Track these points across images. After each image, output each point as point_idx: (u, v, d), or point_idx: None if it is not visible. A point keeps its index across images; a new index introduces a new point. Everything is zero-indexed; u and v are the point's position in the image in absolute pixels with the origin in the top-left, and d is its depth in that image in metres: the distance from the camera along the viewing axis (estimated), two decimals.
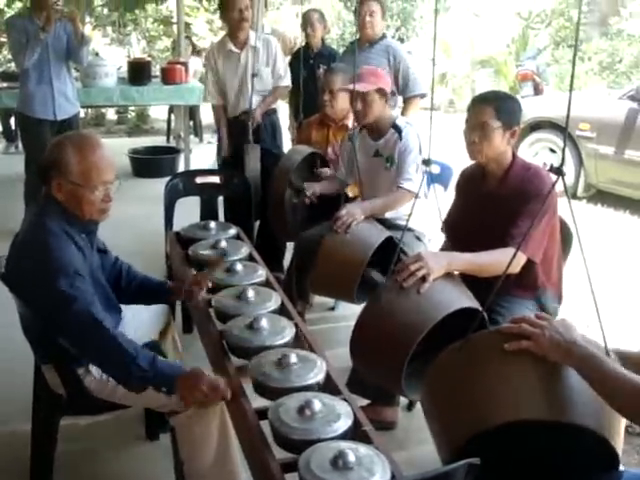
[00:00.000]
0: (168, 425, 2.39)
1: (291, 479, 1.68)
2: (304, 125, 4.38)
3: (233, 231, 3.26)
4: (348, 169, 3.63)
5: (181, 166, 7.09)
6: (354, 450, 1.65)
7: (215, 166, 5.26)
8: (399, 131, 3.41)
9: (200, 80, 7.61)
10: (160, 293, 2.60)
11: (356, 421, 1.84)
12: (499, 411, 1.65)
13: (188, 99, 6.78)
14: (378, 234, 3.01)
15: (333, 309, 4.10)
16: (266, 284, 2.71)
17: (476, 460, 1.43)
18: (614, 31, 13.00)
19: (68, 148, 2.16)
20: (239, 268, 2.72)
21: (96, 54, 8.54)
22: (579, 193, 6.79)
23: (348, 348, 2.37)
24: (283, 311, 2.50)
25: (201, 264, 2.87)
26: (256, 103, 4.45)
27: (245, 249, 3.00)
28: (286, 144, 5.02)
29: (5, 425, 2.86)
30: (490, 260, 2.40)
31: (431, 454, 1.97)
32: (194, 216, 3.76)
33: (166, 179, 3.99)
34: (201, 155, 7.68)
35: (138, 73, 6.65)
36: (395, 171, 3.40)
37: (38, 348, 2.31)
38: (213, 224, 3.28)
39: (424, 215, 3.29)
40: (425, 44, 13.70)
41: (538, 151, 6.98)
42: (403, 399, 2.98)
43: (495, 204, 2.60)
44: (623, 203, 6.47)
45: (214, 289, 2.59)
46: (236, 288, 2.55)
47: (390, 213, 3.43)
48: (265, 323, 2.27)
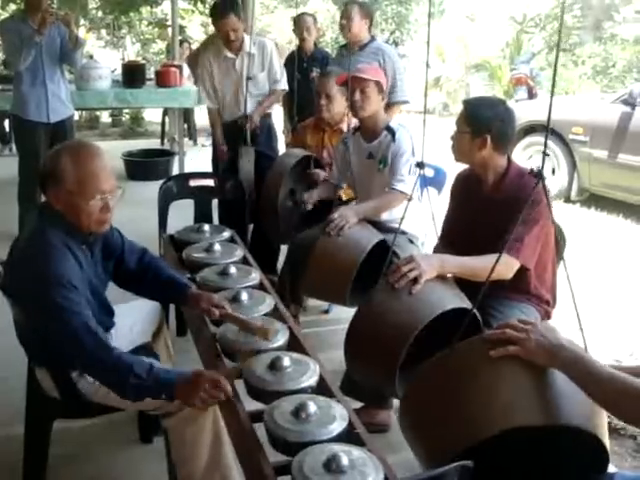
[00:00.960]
0: (161, 428, 2.39)
1: None
2: (299, 128, 4.39)
3: (227, 234, 3.26)
4: (342, 172, 3.64)
5: (175, 169, 7.09)
6: (347, 453, 1.65)
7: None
8: (392, 133, 3.41)
9: (195, 83, 7.61)
10: (179, 296, 2.51)
11: (350, 424, 1.85)
12: (491, 421, 1.65)
13: (182, 102, 6.77)
14: (371, 237, 3.02)
15: (327, 312, 4.10)
16: (260, 287, 2.71)
17: (469, 463, 1.44)
18: (608, 35, 13.07)
19: (65, 157, 2.13)
20: (233, 271, 2.72)
21: (90, 57, 8.53)
22: (573, 197, 6.83)
23: (342, 351, 2.38)
24: (277, 314, 2.50)
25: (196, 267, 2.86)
26: (253, 108, 4.47)
27: (239, 252, 3.00)
28: (280, 147, 5.03)
29: None
30: (482, 264, 2.41)
31: None
32: (188, 219, 3.76)
33: (160, 182, 3.99)
34: (195, 158, 7.67)
35: (132, 76, 6.63)
36: (388, 173, 3.40)
37: (32, 351, 2.31)
38: (207, 227, 3.27)
39: (417, 218, 3.30)
40: (420, 48, 13.76)
41: (532, 154, 7.00)
42: (397, 401, 2.98)
43: (490, 209, 2.61)
44: (616, 207, 6.50)
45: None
46: (229, 291, 2.55)
47: (384, 216, 3.43)
48: None
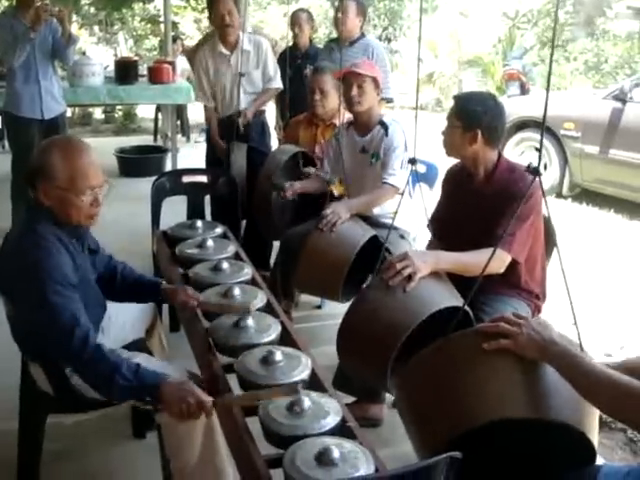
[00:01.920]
0: (155, 423, 2.40)
1: (277, 475, 1.70)
2: (292, 124, 4.40)
3: (220, 230, 3.27)
4: (334, 166, 3.65)
5: (168, 165, 7.09)
6: (338, 446, 1.66)
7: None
8: (385, 128, 3.43)
9: (188, 79, 7.61)
10: (153, 293, 2.58)
11: (342, 418, 1.86)
12: (482, 410, 1.67)
13: (175, 98, 6.76)
14: (363, 233, 3.04)
15: (319, 307, 4.12)
16: (252, 282, 2.73)
17: (457, 454, 1.46)
18: (600, 31, 13.10)
19: (54, 153, 2.14)
20: (225, 267, 2.73)
21: (83, 53, 8.51)
22: (564, 192, 6.86)
23: (335, 346, 2.40)
24: (269, 309, 2.51)
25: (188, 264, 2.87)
26: (247, 104, 4.48)
27: (231, 248, 3.01)
28: (273, 144, 5.04)
29: None
30: (475, 260, 2.42)
31: None
32: (181, 215, 3.77)
33: (153, 178, 4.00)
34: (188, 154, 7.67)
35: (125, 72, 6.63)
36: (380, 167, 3.42)
37: (25, 347, 2.32)
38: (200, 223, 3.28)
39: (409, 213, 3.31)
40: (412, 44, 13.77)
41: (524, 150, 7.03)
42: (389, 396, 3.00)
43: (480, 203, 2.63)
44: (608, 202, 6.54)
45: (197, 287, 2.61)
46: (222, 286, 2.56)
47: (375, 210, 3.46)
48: (251, 321, 2.28)
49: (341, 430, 1.82)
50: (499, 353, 1.71)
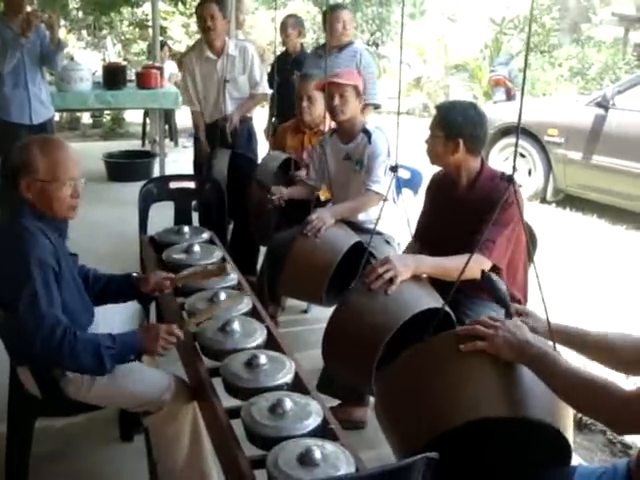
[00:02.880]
0: (142, 426, 2.43)
1: (260, 475, 1.74)
2: (279, 131, 4.44)
3: (206, 235, 3.30)
4: (319, 173, 3.70)
5: (156, 170, 7.08)
6: (320, 447, 1.71)
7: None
8: (369, 135, 3.48)
9: (175, 85, 7.62)
10: (127, 286, 2.61)
11: (324, 419, 1.91)
12: (459, 411, 1.70)
13: (163, 103, 6.78)
14: (347, 238, 3.07)
15: (306, 312, 4.15)
16: (238, 287, 2.76)
17: (434, 454, 1.50)
18: (585, 37, 13.20)
19: (34, 149, 2.23)
20: None
21: (71, 58, 8.49)
22: (548, 197, 6.92)
23: (320, 350, 2.44)
24: (255, 314, 2.55)
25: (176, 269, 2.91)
26: (233, 109, 4.52)
27: (217, 253, 3.04)
28: (261, 148, 5.07)
29: None
30: (456, 264, 2.46)
31: None
32: (169, 220, 3.80)
33: (141, 183, 4.01)
34: (176, 159, 7.68)
35: (113, 77, 6.64)
36: (364, 174, 3.47)
37: (13, 350, 2.33)
38: (187, 228, 3.31)
39: (393, 219, 3.36)
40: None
41: (508, 156, 7.08)
42: (372, 399, 3.04)
43: (463, 210, 2.68)
44: (591, 207, 6.61)
45: (185, 292, 2.64)
46: (208, 291, 2.60)
47: (360, 216, 3.51)
48: (237, 326, 2.32)
49: (323, 431, 1.87)
50: (475, 355, 1.75)
